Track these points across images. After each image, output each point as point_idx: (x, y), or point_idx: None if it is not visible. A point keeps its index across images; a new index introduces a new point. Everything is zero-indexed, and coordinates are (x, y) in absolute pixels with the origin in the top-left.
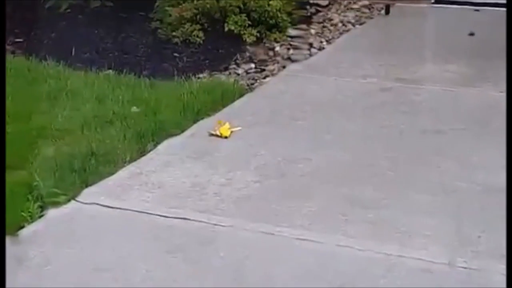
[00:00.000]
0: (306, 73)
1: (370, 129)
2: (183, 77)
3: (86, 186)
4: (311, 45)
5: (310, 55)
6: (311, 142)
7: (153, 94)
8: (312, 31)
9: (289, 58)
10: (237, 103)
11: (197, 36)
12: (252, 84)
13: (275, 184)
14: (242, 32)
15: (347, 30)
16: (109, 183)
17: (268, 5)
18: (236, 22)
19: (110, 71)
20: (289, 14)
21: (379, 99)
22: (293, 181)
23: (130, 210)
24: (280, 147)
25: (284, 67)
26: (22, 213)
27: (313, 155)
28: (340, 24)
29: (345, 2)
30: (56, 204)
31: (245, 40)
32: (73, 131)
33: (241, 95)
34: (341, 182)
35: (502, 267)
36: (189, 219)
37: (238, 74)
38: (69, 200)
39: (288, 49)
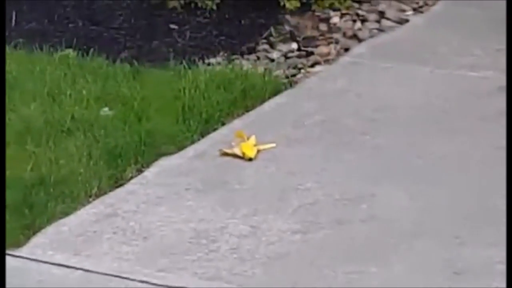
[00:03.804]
0: (382, 61)
1: (482, 151)
2: (184, 63)
3: (31, 234)
4: (385, 16)
5: (388, 30)
6: (387, 171)
7: (137, 88)
8: None
9: (355, 36)
10: (270, 105)
11: None
12: (294, 75)
13: (327, 236)
14: None
15: None
16: (64, 229)
17: None
18: None
19: (70, 51)
20: None
21: (496, 104)
22: (356, 232)
23: (96, 272)
24: (337, 178)
25: (346, 49)
26: None
27: (391, 191)
28: None
29: None
30: None
31: (284, 5)
32: (10, 145)
33: (276, 93)
34: (435, 236)
35: None
36: None
37: (272, 60)
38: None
39: (354, 21)
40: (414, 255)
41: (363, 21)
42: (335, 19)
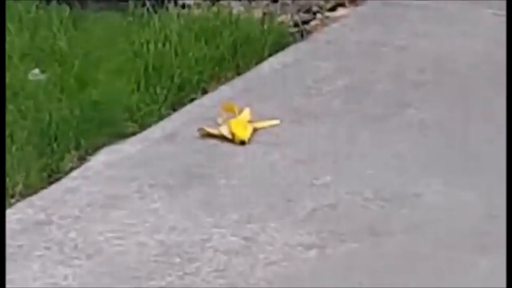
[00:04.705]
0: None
1: None
2: (147, 5)
3: None
4: None
5: None
6: (438, 159)
7: (79, 42)
8: None
9: None
10: (271, 65)
11: None
12: (307, 22)
13: (353, 252)
14: None
15: None
16: None
17: None
18: None
19: None
20: None
21: None
22: (394, 246)
23: None
24: (367, 169)
25: None
26: None
27: (442, 187)
28: None
29: None
30: None
31: None
32: None
33: (280, 48)
34: (506, 251)
35: None
36: None
37: (275, 1)
38: None
39: None
40: (478, 277)
41: None
42: None
